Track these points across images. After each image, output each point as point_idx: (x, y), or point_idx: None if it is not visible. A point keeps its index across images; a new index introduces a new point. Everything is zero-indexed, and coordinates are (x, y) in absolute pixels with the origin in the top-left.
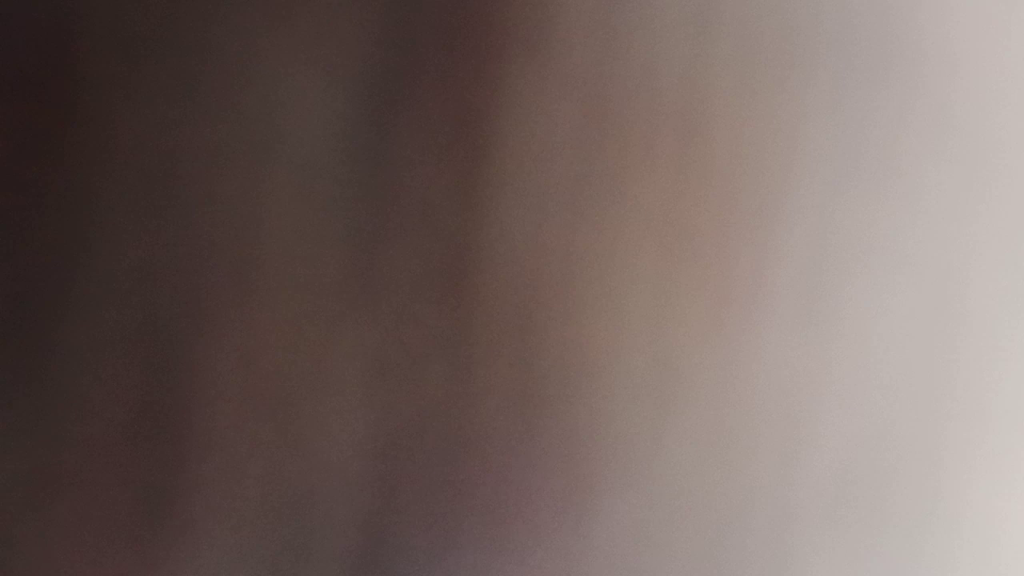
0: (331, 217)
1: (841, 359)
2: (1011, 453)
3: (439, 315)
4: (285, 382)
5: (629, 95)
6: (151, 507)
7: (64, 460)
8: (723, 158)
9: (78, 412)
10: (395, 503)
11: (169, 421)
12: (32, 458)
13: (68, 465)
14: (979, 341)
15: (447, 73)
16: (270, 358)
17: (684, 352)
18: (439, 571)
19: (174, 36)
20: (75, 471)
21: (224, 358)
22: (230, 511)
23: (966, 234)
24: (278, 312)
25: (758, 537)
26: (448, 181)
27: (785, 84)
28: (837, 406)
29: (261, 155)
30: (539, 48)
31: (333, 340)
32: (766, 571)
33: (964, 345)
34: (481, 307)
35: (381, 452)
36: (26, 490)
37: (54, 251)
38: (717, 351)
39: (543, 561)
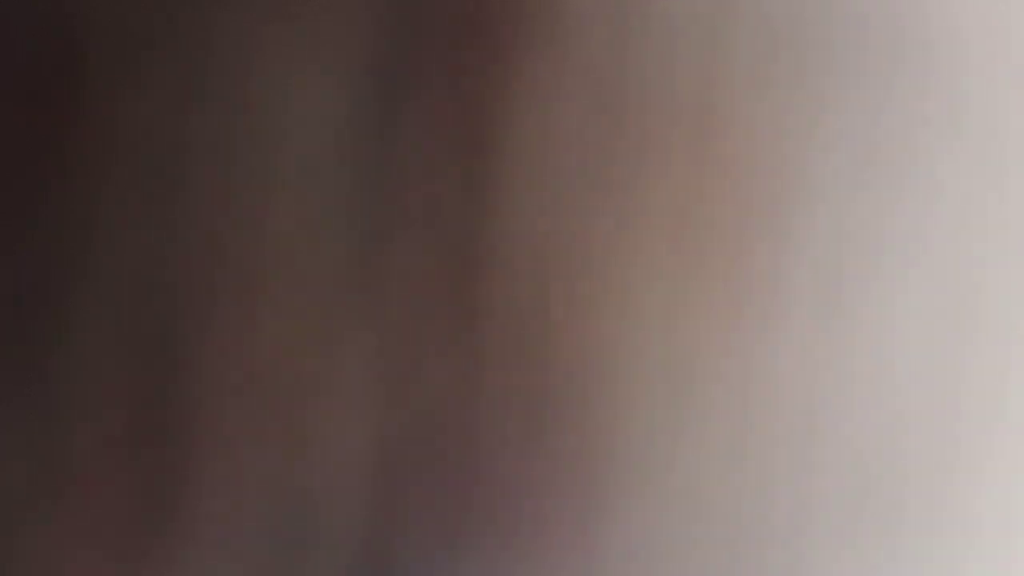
0: (337, 215)
1: (859, 357)
2: None
3: (448, 314)
4: (290, 383)
5: (644, 90)
6: (154, 509)
7: (67, 462)
8: (738, 154)
9: (80, 414)
10: (401, 505)
11: (172, 422)
12: (35, 460)
13: (71, 467)
14: (997, 338)
15: (456, 67)
16: (274, 359)
17: (699, 351)
18: (445, 572)
19: (177, 35)
20: (78, 473)
21: (228, 359)
22: (233, 513)
23: (983, 229)
24: (283, 312)
25: (774, 540)
26: (457, 178)
27: (800, 81)
28: (855, 405)
29: (265, 153)
30: (552, 42)
31: (339, 340)
32: (783, 571)
33: (982, 343)
34: (491, 306)
35: (387, 454)
36: (30, 492)
37: (57, 252)
38: (733, 350)
39: (555, 565)
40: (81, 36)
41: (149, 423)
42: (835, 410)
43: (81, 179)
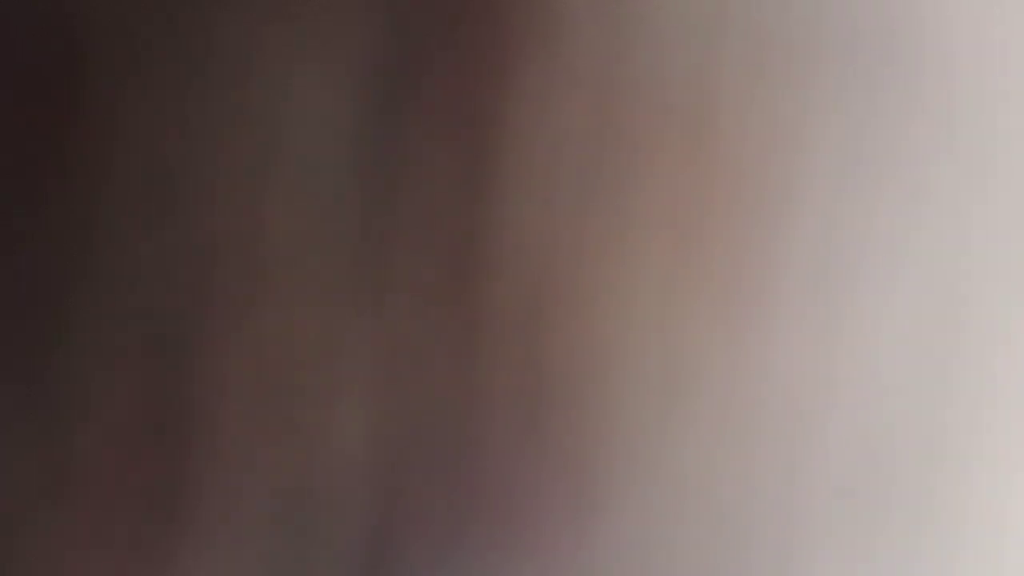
0: (336, 215)
1: (848, 357)
2: (1015, 454)
3: (446, 313)
4: (291, 382)
5: (637, 91)
6: (154, 509)
7: (68, 463)
8: (730, 155)
9: (81, 414)
10: (401, 503)
11: (174, 422)
12: (35, 460)
13: (72, 467)
14: (985, 340)
15: (454, 69)
16: (276, 358)
17: (691, 350)
18: (445, 571)
19: (178, 35)
20: (80, 472)
21: (229, 359)
22: (235, 512)
23: (972, 232)
24: (284, 311)
25: (764, 535)
26: (455, 178)
27: (791, 82)
28: (844, 404)
29: (266, 153)
30: (547, 44)
31: (339, 339)
32: (772, 569)
33: (970, 344)
34: (488, 305)
35: (387, 452)
36: (30, 492)
37: (57, 252)
38: (724, 349)
39: (550, 561)
40: (81, 36)
41: (149, 423)
42: (824, 409)
43: (81, 179)
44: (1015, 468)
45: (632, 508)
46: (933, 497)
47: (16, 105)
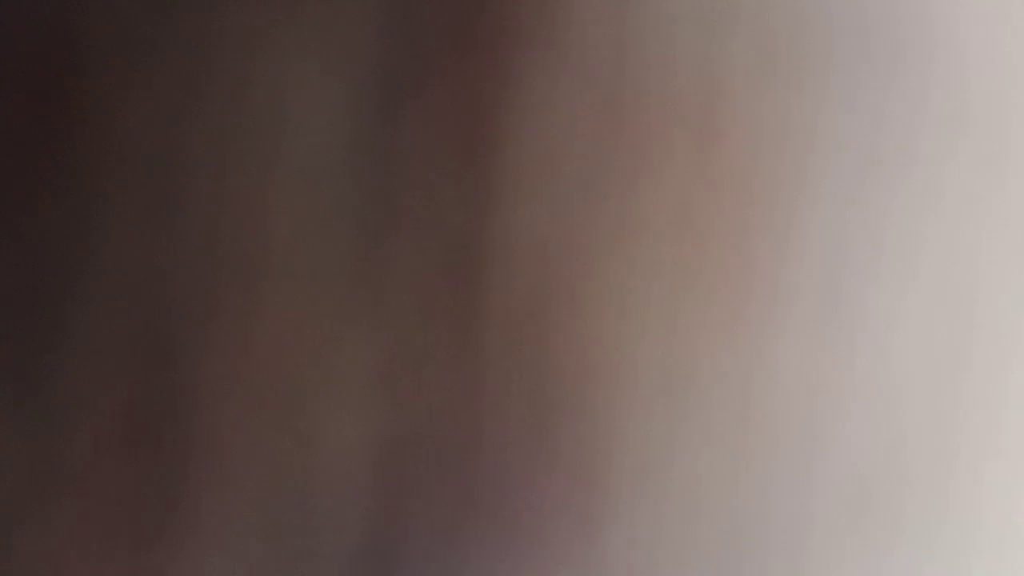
0: (337, 215)
1: (858, 362)
2: None
3: (448, 317)
4: (290, 384)
5: (643, 90)
6: (153, 510)
7: (66, 462)
8: (738, 157)
9: (80, 414)
10: (400, 508)
11: (172, 423)
12: (35, 460)
13: (71, 467)
14: (997, 343)
15: (457, 68)
16: (275, 360)
17: (700, 355)
18: (447, 575)
19: (178, 35)
20: (78, 473)
21: (228, 360)
22: (233, 515)
23: (986, 230)
24: (283, 312)
25: (775, 542)
26: (458, 179)
27: (800, 82)
28: (854, 409)
29: (266, 152)
30: (552, 43)
31: (339, 341)
32: (782, 574)
33: (982, 347)
34: (491, 309)
35: (387, 456)
36: (28, 492)
37: (57, 251)
38: (733, 353)
39: (555, 567)
40: (81, 36)
41: (149, 423)
42: (836, 411)
43: (81, 179)
44: None
45: (637, 511)
46: (948, 503)
47: (16, 105)
